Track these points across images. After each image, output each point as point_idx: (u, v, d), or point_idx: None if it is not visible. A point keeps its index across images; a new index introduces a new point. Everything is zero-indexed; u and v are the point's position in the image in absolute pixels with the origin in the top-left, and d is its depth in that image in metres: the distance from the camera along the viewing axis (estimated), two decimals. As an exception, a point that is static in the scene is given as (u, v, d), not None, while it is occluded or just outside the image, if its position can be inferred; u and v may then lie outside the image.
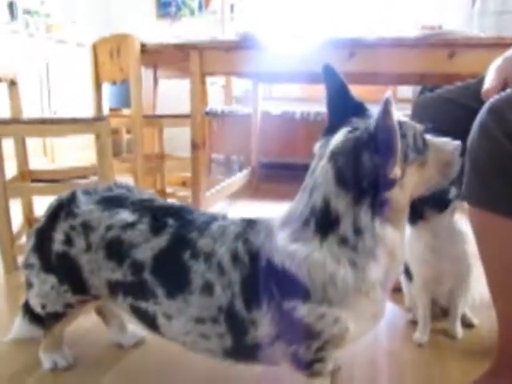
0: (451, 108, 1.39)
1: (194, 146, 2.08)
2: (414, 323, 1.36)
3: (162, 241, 0.90)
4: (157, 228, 0.92)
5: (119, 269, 0.93)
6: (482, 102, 1.33)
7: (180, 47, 2.07)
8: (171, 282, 0.89)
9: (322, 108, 3.64)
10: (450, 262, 1.26)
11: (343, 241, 0.78)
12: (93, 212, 0.97)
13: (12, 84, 2.18)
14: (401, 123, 0.80)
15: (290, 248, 0.80)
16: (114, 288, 0.96)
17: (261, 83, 3.47)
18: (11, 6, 3.59)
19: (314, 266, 0.78)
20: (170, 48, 2.13)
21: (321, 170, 0.82)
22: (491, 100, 0.99)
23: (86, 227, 0.96)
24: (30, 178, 2.22)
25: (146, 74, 2.70)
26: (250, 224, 0.89)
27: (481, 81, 1.40)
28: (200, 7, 3.96)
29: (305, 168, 0.91)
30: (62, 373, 1.13)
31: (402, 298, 1.47)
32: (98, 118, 2.05)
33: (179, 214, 0.95)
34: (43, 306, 1.06)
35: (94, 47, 2.41)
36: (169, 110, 2.90)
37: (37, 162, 3.02)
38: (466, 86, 1.42)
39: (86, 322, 1.30)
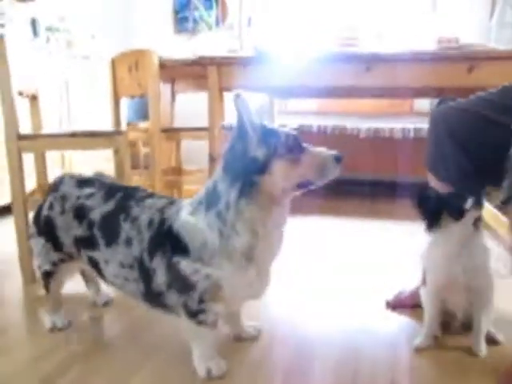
0: (468, 118, 1.38)
1: (212, 160, 2.09)
2: (435, 338, 1.34)
3: (108, 206, 1.22)
4: (108, 197, 1.24)
5: (80, 226, 1.24)
6: (499, 112, 1.32)
7: (198, 62, 2.09)
8: (109, 235, 1.18)
9: (338, 122, 3.64)
10: (465, 273, 1.24)
11: (219, 214, 1.03)
12: (70, 188, 1.31)
13: (33, 99, 2.22)
14: (277, 129, 1.07)
15: (184, 218, 1.07)
16: (78, 243, 1.26)
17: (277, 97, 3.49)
18: (34, 24, 3.66)
19: (195, 231, 1.05)
20: (188, 63, 2.15)
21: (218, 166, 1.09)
22: None
23: (63, 198, 1.30)
24: (50, 192, 2.24)
25: (164, 88, 2.73)
26: (171, 202, 1.16)
27: (499, 91, 1.39)
28: (217, 22, 4.01)
29: None
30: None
31: (422, 314, 1.45)
32: (117, 132, 2.08)
33: (128, 190, 1.26)
34: (39, 267, 1.38)
35: (113, 62, 2.45)
36: (186, 124, 2.92)
37: (55, 175, 3.05)
38: (484, 96, 1.40)
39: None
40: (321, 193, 1.21)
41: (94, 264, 1.25)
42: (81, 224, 1.24)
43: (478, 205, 1.22)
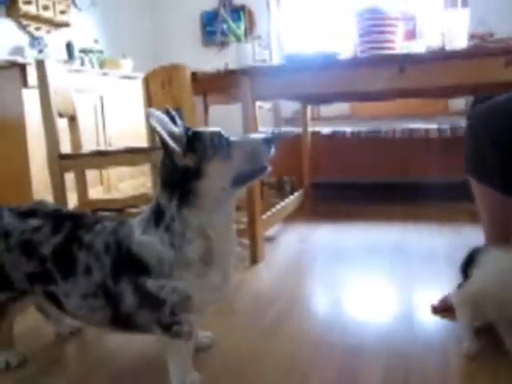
0: (506, 118, 1.34)
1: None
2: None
3: (59, 238, 1.17)
4: (56, 228, 1.19)
5: (31, 262, 1.18)
6: None
7: (230, 74, 2.11)
8: (65, 268, 1.15)
9: (372, 125, 3.60)
10: None
11: (167, 228, 1.06)
12: (12, 223, 1.23)
13: (72, 119, 2.29)
14: (201, 131, 1.07)
15: (139, 239, 1.08)
16: (30, 279, 1.20)
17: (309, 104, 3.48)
18: (69, 47, 3.79)
19: (150, 249, 1.06)
20: (221, 75, 2.17)
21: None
22: None
23: (7, 234, 1.22)
24: (91, 209, 2.30)
25: (197, 101, 2.76)
26: (121, 223, 1.15)
27: None
28: (246, 33, 4.04)
29: (358, 187, 1.00)
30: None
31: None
32: (153, 147, 2.11)
33: (75, 218, 1.23)
34: None
35: (146, 79, 2.49)
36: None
37: (94, 191, 3.12)
38: None
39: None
40: (357, 198, 1.19)
41: (53, 298, 1.21)
42: (31, 260, 1.18)
43: None
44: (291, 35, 4.09)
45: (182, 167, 1.03)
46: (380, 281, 1.90)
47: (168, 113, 1.11)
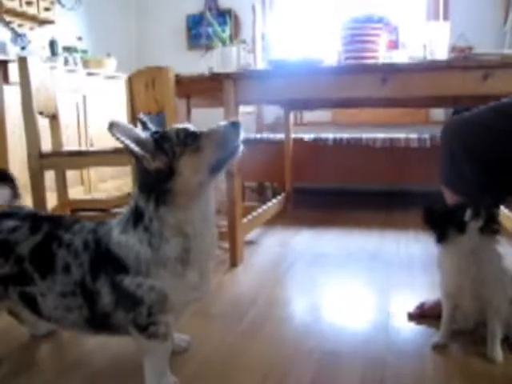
0: (481, 131, 1.37)
1: (229, 174, 2.10)
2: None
3: (37, 238, 1.16)
4: (34, 229, 1.18)
5: (7, 263, 1.16)
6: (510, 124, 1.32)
7: (214, 77, 2.11)
8: (43, 267, 1.14)
9: (353, 133, 3.64)
10: (472, 283, 1.27)
11: (146, 228, 1.06)
12: None
13: (53, 118, 2.27)
14: (167, 131, 1.08)
15: (117, 238, 1.09)
16: (5, 281, 1.17)
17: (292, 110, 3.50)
18: (52, 45, 3.76)
19: (128, 248, 1.07)
20: (204, 78, 2.17)
21: None
22: None
23: None
24: (70, 209, 2.28)
25: (180, 103, 2.75)
26: (100, 223, 1.16)
27: (510, 103, 1.38)
28: (231, 37, 4.06)
29: (338, 193, 1.01)
30: None
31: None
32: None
33: (54, 219, 1.23)
34: None
35: (130, 79, 2.48)
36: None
37: (74, 191, 3.09)
38: (495, 107, 1.40)
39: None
40: (338, 204, 1.20)
41: (28, 300, 1.18)
42: (7, 261, 1.16)
43: (479, 215, 1.22)
44: (277, 40, 4.13)
45: (153, 170, 1.04)
46: (357, 287, 1.92)
47: (140, 119, 1.14)
